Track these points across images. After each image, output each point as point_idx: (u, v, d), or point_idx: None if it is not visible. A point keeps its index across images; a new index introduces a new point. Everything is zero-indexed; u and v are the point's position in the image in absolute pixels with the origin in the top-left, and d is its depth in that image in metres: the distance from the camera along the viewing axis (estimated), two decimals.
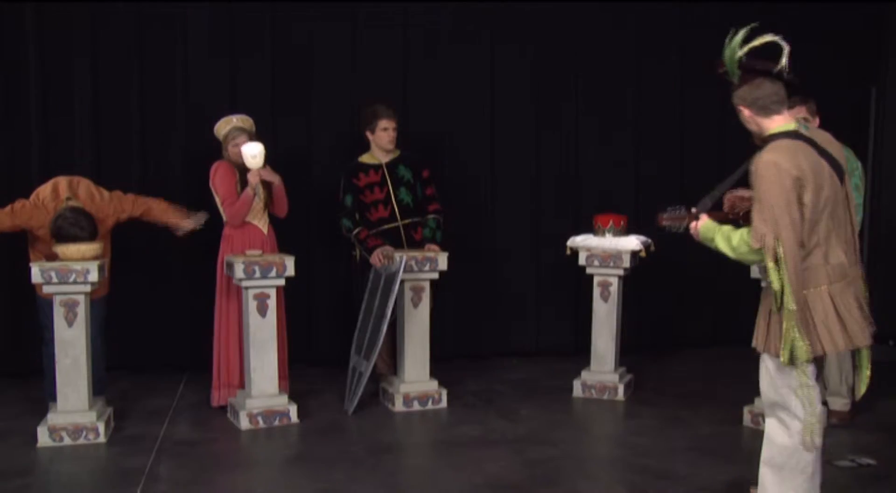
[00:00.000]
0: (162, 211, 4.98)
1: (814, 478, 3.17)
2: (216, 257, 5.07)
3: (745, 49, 3.11)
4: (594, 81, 6.48)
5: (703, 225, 3.24)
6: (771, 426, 3.21)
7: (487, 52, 6.31)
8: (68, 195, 4.69)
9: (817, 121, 4.63)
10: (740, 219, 3.34)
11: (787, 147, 3.03)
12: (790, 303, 2.98)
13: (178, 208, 5.05)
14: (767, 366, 3.18)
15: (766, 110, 3.13)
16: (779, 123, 3.13)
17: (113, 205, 4.82)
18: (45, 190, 4.74)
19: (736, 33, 3.12)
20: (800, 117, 3.23)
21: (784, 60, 3.10)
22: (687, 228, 3.30)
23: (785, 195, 2.95)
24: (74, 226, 4.45)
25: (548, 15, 6.35)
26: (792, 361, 3.02)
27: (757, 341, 3.18)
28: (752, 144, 3.28)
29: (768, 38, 3.08)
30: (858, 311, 3.10)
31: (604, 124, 6.52)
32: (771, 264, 2.98)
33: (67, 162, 5.37)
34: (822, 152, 3.09)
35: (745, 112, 3.17)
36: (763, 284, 3.32)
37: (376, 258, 5.08)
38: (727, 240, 3.12)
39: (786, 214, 2.95)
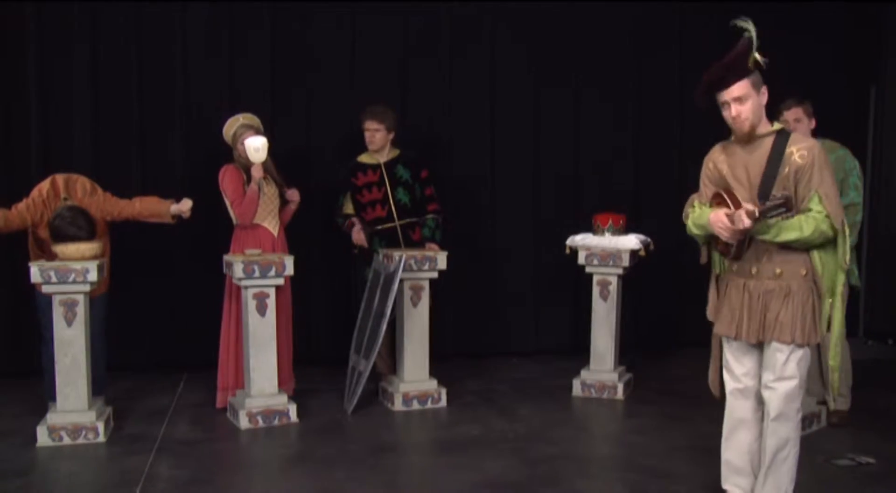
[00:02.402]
0: (150, 213, 4.89)
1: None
2: (220, 258, 5.04)
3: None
4: (594, 81, 6.48)
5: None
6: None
7: (487, 51, 6.31)
8: (65, 195, 4.68)
9: (813, 123, 4.60)
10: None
11: None
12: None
13: (165, 201, 4.93)
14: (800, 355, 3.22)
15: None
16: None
17: (100, 204, 4.80)
18: (45, 186, 4.72)
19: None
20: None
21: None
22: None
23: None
24: (72, 225, 4.44)
25: (548, 14, 6.35)
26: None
27: (802, 335, 3.19)
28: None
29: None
30: None
31: (603, 124, 6.52)
32: (847, 245, 3.14)
33: (67, 162, 5.36)
34: None
35: (761, 99, 3.22)
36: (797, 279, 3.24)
37: (355, 236, 5.26)
38: (799, 229, 3.13)
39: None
